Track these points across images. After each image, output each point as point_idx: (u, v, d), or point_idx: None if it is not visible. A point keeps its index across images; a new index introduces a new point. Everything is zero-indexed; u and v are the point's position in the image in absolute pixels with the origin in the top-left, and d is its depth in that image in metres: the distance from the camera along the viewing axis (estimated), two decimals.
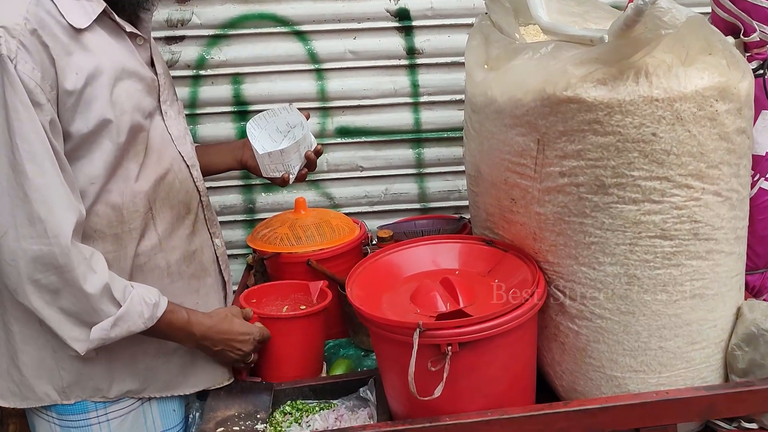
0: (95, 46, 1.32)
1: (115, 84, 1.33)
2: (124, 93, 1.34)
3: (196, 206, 1.55)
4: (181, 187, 1.50)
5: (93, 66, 1.29)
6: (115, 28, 1.38)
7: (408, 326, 1.30)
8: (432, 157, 2.47)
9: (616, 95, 1.24)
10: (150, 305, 1.35)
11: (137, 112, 1.37)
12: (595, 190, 1.31)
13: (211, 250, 1.60)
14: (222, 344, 1.49)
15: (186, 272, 1.51)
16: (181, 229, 1.50)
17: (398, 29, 2.35)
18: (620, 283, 1.35)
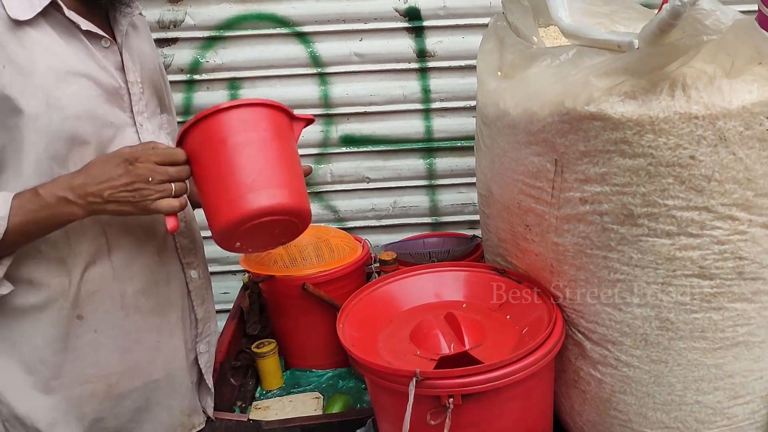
0: (34, 43, 1.16)
1: (53, 86, 1.17)
2: (67, 97, 1.18)
3: (163, 233, 1.35)
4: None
5: (26, 62, 1.14)
6: (67, 25, 1.22)
7: (403, 374, 1.15)
8: (444, 168, 2.30)
9: (648, 111, 1.07)
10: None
11: (86, 120, 1.21)
12: (621, 220, 1.14)
13: (181, 282, 1.40)
14: (110, 190, 1.14)
15: (145, 306, 1.33)
16: (143, 257, 1.32)
17: (408, 30, 2.18)
18: (651, 328, 1.17)
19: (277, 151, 1.18)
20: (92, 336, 1.27)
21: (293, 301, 1.79)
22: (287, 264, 1.78)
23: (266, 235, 1.17)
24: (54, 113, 1.16)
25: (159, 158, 1.16)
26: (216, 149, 1.14)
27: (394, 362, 1.24)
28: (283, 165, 1.17)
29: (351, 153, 2.28)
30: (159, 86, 1.38)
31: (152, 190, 1.15)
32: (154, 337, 1.35)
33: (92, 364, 1.28)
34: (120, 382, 1.31)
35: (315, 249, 1.81)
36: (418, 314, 1.39)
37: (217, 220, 1.13)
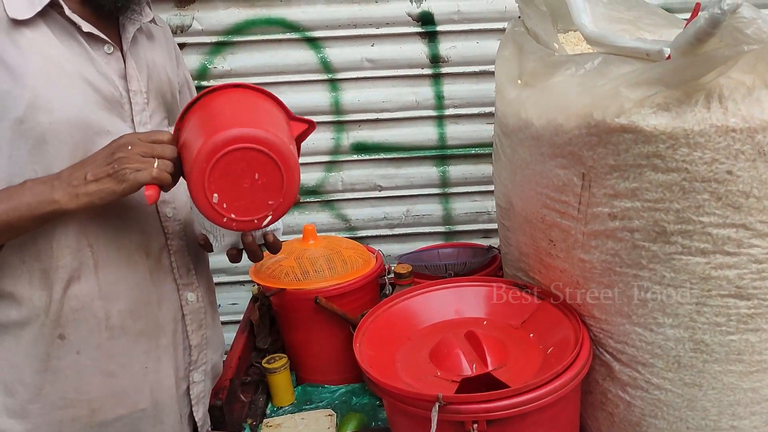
0: (30, 44, 1.12)
1: (44, 87, 1.11)
2: (59, 99, 1.12)
3: (158, 250, 1.28)
4: (139, 225, 1.25)
5: (16, 61, 1.09)
6: (66, 26, 1.16)
7: (425, 399, 1.10)
8: (458, 176, 2.25)
9: (682, 124, 1.02)
10: None
11: (77, 126, 1.15)
12: (653, 237, 1.09)
13: (174, 304, 1.32)
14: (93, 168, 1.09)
15: (132, 328, 1.24)
16: (132, 275, 1.24)
17: (421, 35, 2.13)
18: (684, 350, 1.13)
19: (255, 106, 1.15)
20: (74, 357, 1.20)
21: (305, 314, 1.73)
22: (299, 277, 1.73)
23: (245, 182, 1.07)
24: (42, 115, 1.10)
25: (142, 135, 1.12)
26: (196, 117, 1.12)
27: (414, 384, 1.19)
28: (258, 115, 1.12)
29: (362, 161, 2.23)
30: (169, 100, 1.32)
31: (132, 159, 1.08)
32: (142, 362, 1.27)
33: (74, 388, 1.21)
34: (103, 408, 1.24)
35: (327, 261, 1.75)
36: (437, 332, 1.34)
37: (188, 166, 1.06)
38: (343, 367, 1.78)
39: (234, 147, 1.04)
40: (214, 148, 1.03)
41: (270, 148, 1.06)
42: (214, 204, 1.07)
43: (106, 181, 1.08)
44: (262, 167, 1.07)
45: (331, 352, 1.77)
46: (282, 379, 1.72)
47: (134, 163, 1.07)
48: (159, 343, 1.29)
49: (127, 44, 1.23)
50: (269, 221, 1.12)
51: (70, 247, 1.17)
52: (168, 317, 1.30)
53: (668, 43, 1.10)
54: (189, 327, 1.35)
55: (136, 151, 1.08)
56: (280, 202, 1.10)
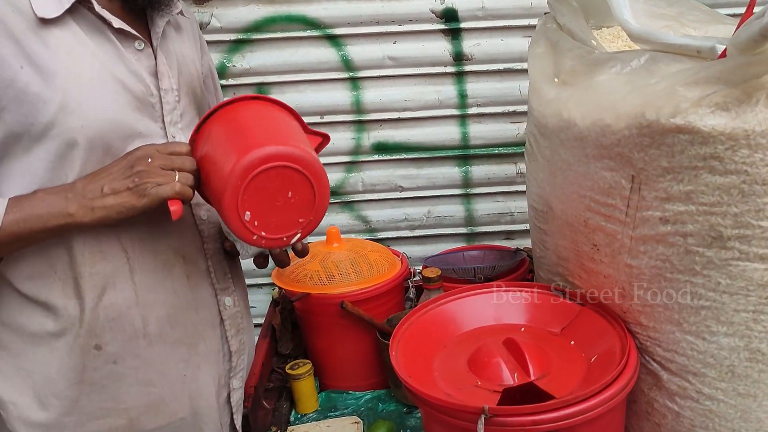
0: (59, 44, 1.06)
1: (74, 89, 1.06)
2: (90, 101, 1.07)
3: (194, 254, 1.24)
4: (174, 228, 1.20)
5: (46, 62, 1.04)
6: (97, 23, 1.11)
7: (470, 411, 1.05)
8: (481, 176, 2.20)
9: (742, 124, 0.97)
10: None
11: (109, 128, 1.10)
12: (709, 242, 1.04)
13: (212, 310, 1.27)
14: (110, 182, 1.05)
15: (170, 335, 1.20)
16: (169, 281, 1.19)
17: (444, 32, 2.08)
18: (739, 359, 1.08)
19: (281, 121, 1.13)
20: (111, 368, 1.16)
21: (330, 319, 1.69)
22: (324, 281, 1.69)
23: (278, 200, 1.04)
24: (73, 119, 1.06)
25: (160, 147, 1.09)
26: (220, 130, 1.09)
27: (454, 395, 1.15)
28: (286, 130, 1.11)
29: (383, 161, 2.18)
30: (198, 95, 1.28)
31: (152, 173, 1.04)
32: (180, 370, 1.22)
33: (111, 398, 1.17)
34: (141, 419, 1.19)
35: (353, 265, 1.71)
36: (474, 338, 1.30)
37: (220, 183, 1.03)
38: (369, 373, 1.74)
39: (270, 165, 1.02)
40: (250, 166, 1.01)
41: (305, 166, 1.04)
42: (246, 222, 1.04)
43: (125, 195, 1.05)
44: (295, 185, 1.05)
45: (356, 358, 1.74)
46: (306, 385, 1.68)
47: (155, 177, 1.04)
48: (198, 350, 1.25)
49: (157, 39, 1.18)
50: (298, 239, 1.10)
51: (103, 252, 1.12)
52: (206, 323, 1.26)
53: (720, 39, 1.06)
54: (228, 332, 1.30)
55: (156, 164, 1.05)
56: (310, 219, 1.09)
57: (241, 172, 1.01)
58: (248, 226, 1.04)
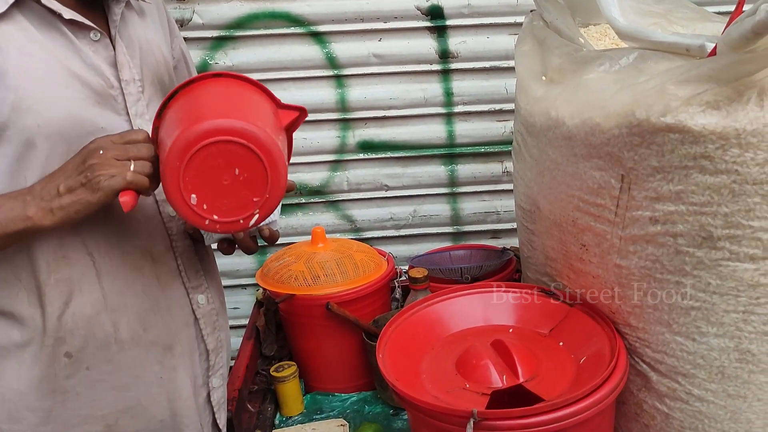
0: (7, 40, 1.01)
1: (27, 87, 1.01)
2: (45, 99, 1.03)
3: (163, 253, 1.20)
4: (141, 227, 1.16)
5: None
6: (45, 15, 1.05)
7: (458, 414, 1.04)
8: (467, 175, 2.19)
9: (733, 123, 0.96)
10: None
11: (68, 125, 1.05)
12: (699, 242, 1.03)
13: (185, 309, 1.24)
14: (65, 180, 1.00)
15: (143, 338, 1.17)
16: (139, 282, 1.16)
17: (430, 30, 2.07)
18: (729, 360, 1.07)
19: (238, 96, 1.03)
20: (84, 374, 1.13)
21: (315, 320, 1.67)
22: (309, 282, 1.66)
23: (225, 179, 0.97)
24: (28, 118, 1.01)
25: (115, 137, 1.01)
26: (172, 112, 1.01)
27: (442, 397, 1.13)
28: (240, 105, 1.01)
29: (369, 159, 2.17)
30: (166, 82, 1.22)
31: (104, 165, 0.97)
32: (156, 373, 1.19)
33: (86, 405, 1.14)
34: (119, 423, 1.17)
35: (338, 265, 1.69)
36: (462, 340, 1.28)
37: (161, 163, 0.96)
38: (355, 375, 1.73)
39: (208, 141, 0.94)
40: (187, 144, 0.93)
41: (248, 139, 0.95)
42: (193, 206, 0.96)
43: (80, 191, 0.98)
44: (242, 161, 0.96)
45: (341, 359, 1.72)
46: (291, 387, 1.66)
47: (108, 169, 0.97)
48: (173, 351, 1.21)
49: (114, 28, 1.12)
50: (257, 220, 1.01)
51: (67, 257, 1.08)
52: (180, 323, 1.23)
53: (709, 37, 1.05)
54: (204, 331, 1.27)
55: (109, 155, 0.98)
56: (266, 198, 0.99)
57: (178, 151, 0.94)
58: (196, 210, 0.97)
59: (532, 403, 1.04)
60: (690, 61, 1.03)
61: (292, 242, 1.91)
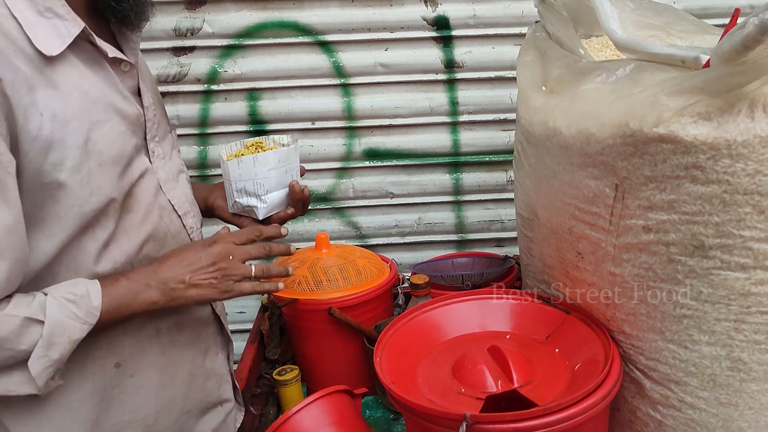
0: (65, 81, 1.04)
1: (91, 129, 1.05)
2: (103, 138, 1.07)
3: None
4: (173, 242, 1.22)
5: (61, 107, 1.02)
6: (93, 54, 1.10)
7: (452, 417, 1.05)
8: (471, 183, 2.21)
9: (724, 134, 0.97)
10: (77, 300, 1.03)
11: (116, 163, 1.10)
12: (691, 251, 1.04)
13: (207, 309, 1.33)
14: (191, 274, 1.12)
15: (177, 340, 1.25)
16: None
17: (436, 40, 2.09)
18: (720, 368, 1.08)
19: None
20: (129, 381, 1.18)
21: (318, 325, 1.69)
22: (312, 287, 1.69)
23: None
24: (93, 159, 1.05)
25: (236, 238, 1.17)
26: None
27: (437, 401, 1.14)
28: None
29: (374, 167, 2.19)
30: (161, 102, 1.29)
31: (234, 269, 1.14)
32: (188, 370, 1.28)
33: (129, 410, 1.19)
34: (157, 421, 1.23)
35: (341, 271, 1.71)
36: (459, 346, 1.30)
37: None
38: (356, 379, 1.74)
39: None
40: None
41: None
42: None
43: (207, 290, 1.14)
44: None
45: (343, 364, 1.73)
46: (293, 391, 1.68)
47: (236, 274, 1.15)
48: (200, 348, 1.31)
49: (135, 57, 1.17)
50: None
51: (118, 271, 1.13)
52: (205, 322, 1.33)
53: (704, 49, 1.07)
54: (224, 324, 1.40)
55: (236, 258, 1.15)
56: None
57: None
58: None
59: (527, 408, 1.06)
60: (683, 72, 1.04)
61: (297, 248, 1.93)
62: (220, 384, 1.38)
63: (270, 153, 1.30)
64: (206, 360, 1.32)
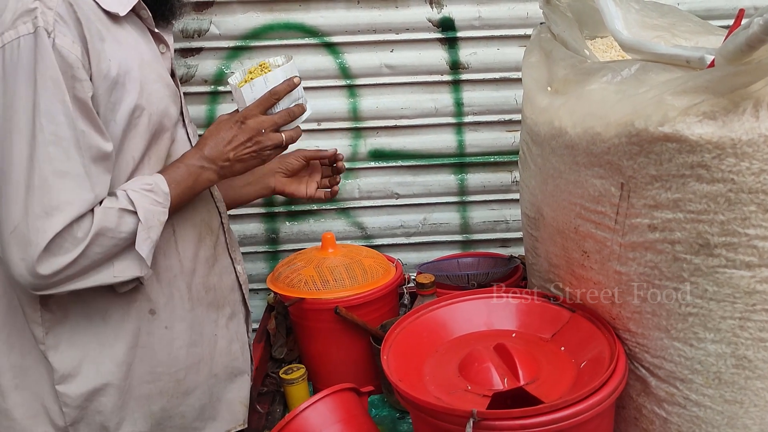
0: (126, 40, 1.23)
1: (144, 81, 1.23)
2: (154, 93, 1.25)
3: (217, 228, 1.44)
4: (203, 205, 1.40)
5: (124, 58, 1.20)
6: (142, 27, 1.29)
7: (458, 414, 1.06)
8: (476, 184, 2.21)
9: (729, 133, 0.99)
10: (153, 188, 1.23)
11: (164, 115, 1.29)
12: (696, 249, 1.06)
13: (232, 276, 1.47)
14: (234, 151, 1.31)
15: (204, 299, 1.37)
16: (202, 251, 1.38)
17: (441, 41, 2.09)
18: (725, 365, 1.09)
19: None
20: (163, 332, 1.31)
21: (324, 324, 1.70)
22: (318, 286, 1.70)
23: None
24: (148, 107, 1.23)
25: (260, 107, 1.31)
26: None
27: (444, 398, 1.15)
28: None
29: (380, 168, 2.19)
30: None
31: (267, 140, 1.31)
32: (212, 330, 1.39)
33: (162, 363, 1.31)
34: (187, 378, 1.35)
35: (347, 270, 1.72)
36: (465, 344, 1.31)
37: None
38: (362, 378, 1.74)
39: None
40: None
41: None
42: None
43: (249, 161, 1.32)
44: None
45: (349, 363, 1.74)
46: (300, 390, 1.69)
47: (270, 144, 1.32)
48: (224, 312, 1.43)
49: (171, 47, 1.36)
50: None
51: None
52: (229, 288, 1.45)
53: (709, 50, 1.08)
54: (245, 295, 1.52)
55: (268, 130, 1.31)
56: None
57: None
58: None
59: (533, 405, 1.07)
60: (688, 72, 1.06)
61: (303, 248, 1.94)
62: (243, 350, 1.49)
63: (277, 71, 1.36)
64: (230, 324, 1.44)
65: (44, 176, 1.10)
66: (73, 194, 1.12)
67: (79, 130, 1.12)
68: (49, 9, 1.10)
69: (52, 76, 1.09)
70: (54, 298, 1.22)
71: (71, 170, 1.12)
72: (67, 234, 1.11)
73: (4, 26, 1.11)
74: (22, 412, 1.25)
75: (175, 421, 1.35)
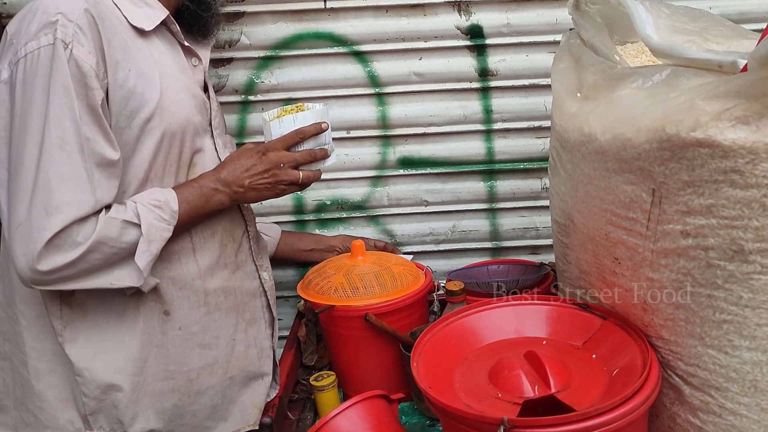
0: (151, 53, 1.30)
1: (166, 91, 1.30)
2: (174, 103, 1.32)
3: (240, 235, 1.49)
4: (225, 214, 1.44)
5: (147, 67, 1.28)
6: (172, 41, 1.38)
7: (489, 421, 1.06)
8: (506, 191, 2.20)
9: (763, 138, 0.97)
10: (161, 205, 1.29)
11: (187, 126, 1.35)
12: (730, 256, 1.04)
13: (256, 283, 1.53)
14: (250, 179, 1.38)
15: (223, 304, 1.43)
16: (223, 257, 1.44)
17: (470, 48, 2.09)
18: (762, 374, 1.07)
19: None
20: (177, 333, 1.36)
21: (354, 331, 1.71)
22: (348, 293, 1.70)
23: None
24: (166, 116, 1.29)
25: (284, 143, 1.39)
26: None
27: (474, 406, 1.15)
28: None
29: (409, 176, 2.19)
30: (221, 110, 1.51)
31: (284, 175, 1.38)
32: (231, 335, 1.45)
33: (174, 361, 1.37)
34: (199, 378, 1.40)
35: (377, 277, 1.72)
36: (495, 351, 1.30)
37: None
38: (392, 385, 1.74)
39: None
40: None
41: None
42: None
43: (263, 192, 1.40)
44: None
45: (379, 370, 1.75)
46: (330, 397, 1.69)
47: (287, 178, 1.40)
48: (244, 317, 1.48)
49: (205, 61, 1.44)
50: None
51: (174, 236, 1.33)
52: (252, 294, 1.51)
53: (741, 54, 1.06)
54: (270, 302, 1.57)
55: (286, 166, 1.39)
56: None
57: None
58: None
59: (564, 413, 1.06)
60: (720, 77, 1.04)
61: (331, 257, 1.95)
62: (261, 356, 1.54)
63: (308, 113, 1.44)
64: (249, 329, 1.49)
65: (48, 177, 1.16)
66: (73, 196, 1.18)
67: (84, 136, 1.19)
68: (70, 21, 1.18)
69: (64, 84, 1.17)
70: (74, 295, 1.29)
71: (73, 173, 1.19)
72: (67, 235, 1.18)
73: (29, 36, 1.18)
74: (53, 395, 1.33)
75: (186, 419, 1.40)
